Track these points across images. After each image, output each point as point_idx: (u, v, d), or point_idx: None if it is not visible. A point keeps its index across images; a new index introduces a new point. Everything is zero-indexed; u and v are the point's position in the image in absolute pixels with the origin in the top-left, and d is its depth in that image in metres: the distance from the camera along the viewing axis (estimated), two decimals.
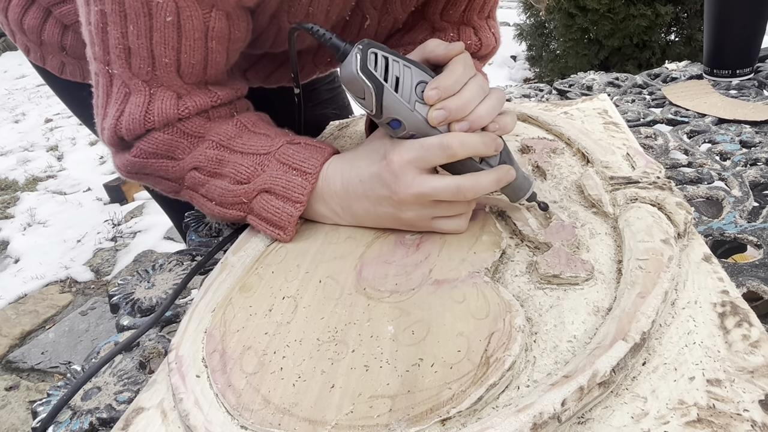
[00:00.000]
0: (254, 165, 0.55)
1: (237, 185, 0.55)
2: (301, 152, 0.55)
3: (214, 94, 0.55)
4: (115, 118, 0.54)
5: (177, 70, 0.52)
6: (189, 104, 0.54)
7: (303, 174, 0.54)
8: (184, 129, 0.55)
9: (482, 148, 0.48)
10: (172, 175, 0.57)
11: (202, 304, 0.48)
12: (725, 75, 0.93)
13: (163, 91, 0.53)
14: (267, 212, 0.55)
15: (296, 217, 0.54)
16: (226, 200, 0.56)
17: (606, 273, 0.45)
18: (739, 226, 0.54)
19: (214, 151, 0.55)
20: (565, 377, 0.34)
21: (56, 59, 0.77)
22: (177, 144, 0.55)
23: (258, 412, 0.36)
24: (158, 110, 0.53)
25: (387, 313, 0.43)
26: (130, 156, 0.56)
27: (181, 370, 0.41)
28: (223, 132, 0.56)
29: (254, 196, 0.55)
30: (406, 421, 0.33)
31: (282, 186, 0.54)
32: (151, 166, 0.57)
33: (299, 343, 0.41)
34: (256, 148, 0.55)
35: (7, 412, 1.70)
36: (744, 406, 0.32)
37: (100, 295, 2.25)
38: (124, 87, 0.53)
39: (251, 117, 0.58)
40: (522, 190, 0.52)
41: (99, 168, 3.52)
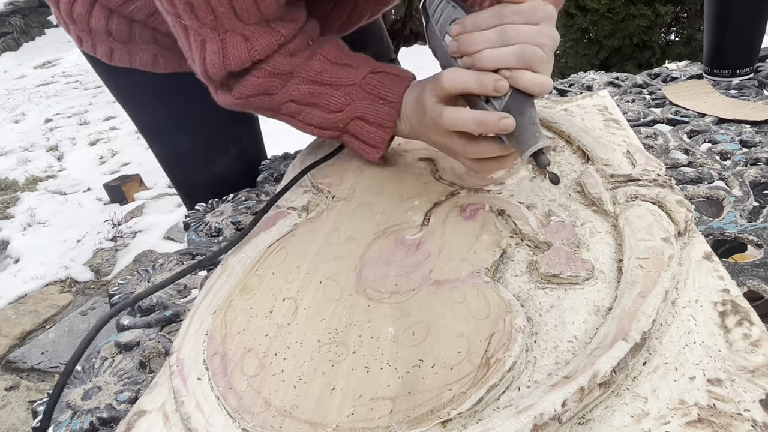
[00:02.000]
0: (344, 96, 0.62)
1: (331, 114, 0.63)
2: (385, 82, 0.62)
3: (277, 32, 0.60)
4: (201, 63, 0.61)
5: (235, 15, 0.57)
6: (256, 46, 0.59)
7: (388, 103, 0.61)
8: (272, 70, 0.61)
9: (474, 85, 0.51)
10: (270, 106, 0.65)
11: (203, 306, 0.48)
12: (725, 75, 0.93)
13: (231, 36, 0.58)
14: (361, 135, 0.64)
15: (387, 139, 0.63)
16: (323, 125, 0.65)
17: (606, 272, 0.45)
18: (739, 226, 0.54)
19: (305, 86, 0.62)
20: (566, 378, 0.34)
21: (104, 46, 0.81)
22: (270, 83, 0.62)
23: (259, 414, 0.36)
24: (232, 55, 0.59)
25: (387, 314, 0.42)
26: (232, 98, 0.64)
27: (182, 372, 0.41)
28: (311, 68, 0.63)
29: (348, 122, 0.63)
30: (407, 423, 0.33)
31: (372, 114, 0.62)
32: (251, 104, 0.65)
33: (300, 345, 0.41)
34: (343, 79, 0.62)
35: (7, 412, 1.70)
36: (745, 405, 0.32)
37: (100, 295, 2.25)
38: (198, 36, 0.59)
39: (332, 49, 0.64)
40: (525, 144, 0.49)
41: (99, 168, 3.52)
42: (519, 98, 0.50)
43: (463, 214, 0.54)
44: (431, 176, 0.63)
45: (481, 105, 0.52)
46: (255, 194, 0.77)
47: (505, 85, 0.50)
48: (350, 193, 0.62)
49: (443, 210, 0.55)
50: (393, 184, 0.62)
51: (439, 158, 0.67)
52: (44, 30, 7.39)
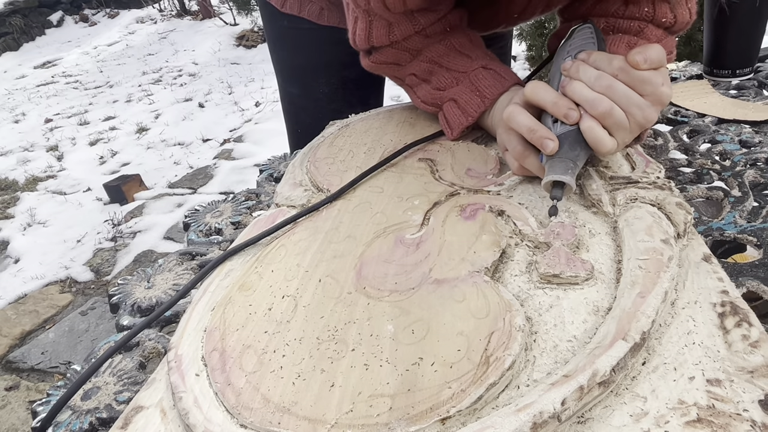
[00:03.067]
0: (452, 79, 0.71)
1: (436, 91, 0.72)
2: (489, 79, 0.69)
3: (417, 21, 0.69)
4: (352, 33, 0.73)
5: (384, 5, 0.66)
6: (396, 32, 0.69)
7: (482, 97, 0.68)
8: (406, 45, 0.71)
9: (548, 103, 0.54)
10: (397, 74, 0.76)
11: (202, 302, 0.48)
12: (725, 75, 0.93)
13: (378, 19, 0.69)
14: (449, 115, 0.71)
15: (464, 125, 0.70)
16: (427, 99, 0.74)
17: (606, 273, 0.45)
18: (738, 226, 0.54)
19: (426, 64, 0.72)
20: (565, 377, 0.34)
21: (316, 6, 0.97)
22: (401, 56, 0.72)
23: (257, 410, 0.36)
24: (376, 35, 0.70)
25: (387, 313, 0.42)
26: (369, 62, 0.74)
27: (180, 368, 0.41)
28: (435, 50, 0.71)
29: (445, 101, 0.72)
30: (406, 420, 0.33)
31: (464, 101, 0.69)
32: (383, 69, 0.76)
33: (299, 342, 0.41)
34: (457, 66, 0.70)
35: (7, 412, 1.70)
36: (744, 406, 0.32)
37: (100, 295, 2.25)
38: (354, 13, 0.70)
39: (461, 39, 0.72)
40: (552, 171, 0.51)
41: (99, 168, 3.52)
42: (579, 137, 0.52)
43: (463, 214, 0.54)
44: (431, 176, 0.63)
45: (548, 121, 0.55)
46: (255, 194, 0.77)
47: (576, 116, 0.52)
48: (350, 192, 0.62)
49: (443, 210, 0.55)
50: (393, 184, 0.62)
51: (439, 159, 0.67)
52: (44, 30, 7.39)
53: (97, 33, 7.29)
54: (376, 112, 0.86)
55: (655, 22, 0.68)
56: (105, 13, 7.85)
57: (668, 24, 0.69)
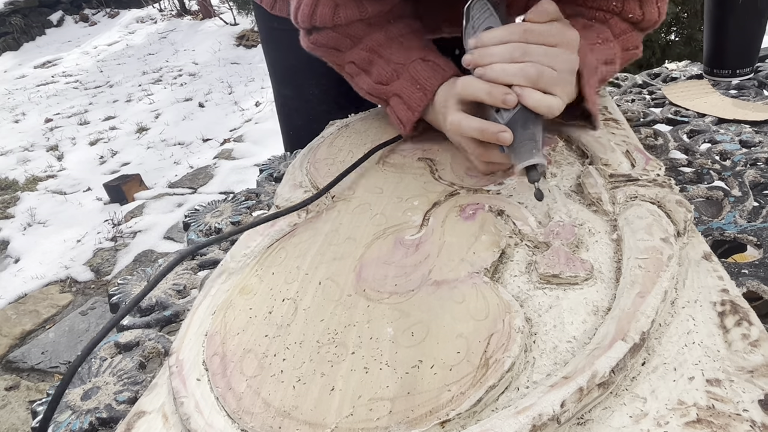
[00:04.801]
0: (392, 72, 0.69)
1: (379, 85, 0.71)
2: (428, 71, 0.67)
3: (364, 8, 0.68)
4: (295, 9, 0.70)
5: None
6: (342, 15, 0.67)
7: (423, 90, 0.67)
8: (348, 31, 0.70)
9: (483, 95, 0.54)
10: (337, 61, 0.74)
11: (203, 306, 0.48)
12: (725, 75, 0.93)
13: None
14: (397, 110, 0.70)
15: (413, 120, 0.69)
16: (372, 92, 0.72)
17: (605, 272, 0.45)
18: (739, 226, 0.54)
19: (366, 53, 0.70)
20: (565, 378, 0.34)
21: None
22: (341, 41, 0.71)
23: (258, 415, 0.36)
24: (320, 14, 0.68)
25: (386, 315, 0.42)
26: (309, 42, 0.73)
27: (181, 373, 0.41)
28: (375, 39, 0.70)
29: (390, 96, 0.70)
30: (406, 424, 0.33)
31: (407, 95, 0.68)
32: (322, 52, 0.74)
33: (299, 346, 0.41)
34: (395, 56, 0.69)
35: (7, 412, 1.70)
36: (743, 406, 0.32)
37: (100, 295, 2.25)
38: None
39: (402, 27, 0.71)
40: (519, 158, 0.52)
41: (99, 168, 3.52)
42: (526, 114, 0.53)
43: (463, 215, 0.54)
44: (431, 176, 0.63)
45: (492, 114, 0.55)
46: (255, 194, 0.77)
47: (514, 99, 0.52)
48: (350, 193, 0.62)
49: (442, 210, 0.55)
50: (392, 185, 0.62)
51: (439, 158, 0.67)
52: (44, 30, 7.38)
53: (97, 33, 7.29)
54: (376, 112, 0.86)
55: (622, 15, 0.69)
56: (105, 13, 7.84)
57: (635, 20, 0.70)
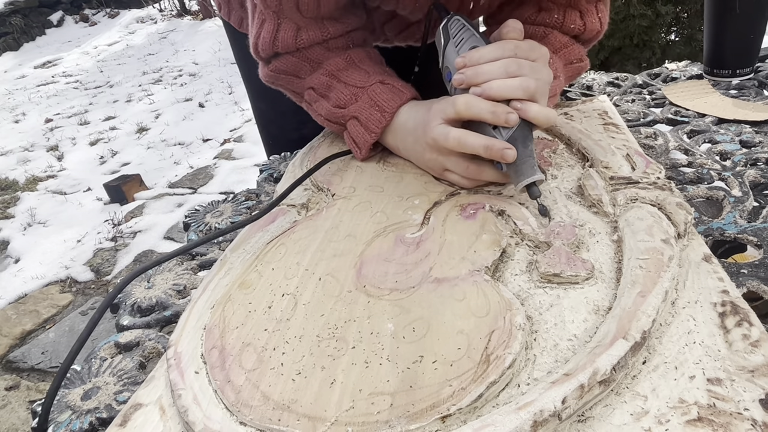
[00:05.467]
0: (351, 95, 0.68)
1: (337, 109, 0.69)
2: (386, 93, 0.67)
3: (326, 29, 0.67)
4: (255, 38, 0.68)
5: (297, 6, 0.63)
6: (304, 37, 0.67)
7: (382, 111, 0.66)
8: (308, 55, 0.69)
9: (486, 114, 0.54)
10: (296, 88, 0.73)
11: (201, 300, 0.48)
12: (725, 75, 0.93)
13: (287, 22, 0.66)
14: (354, 134, 0.69)
15: (370, 143, 0.68)
16: (330, 118, 0.71)
17: (606, 272, 0.45)
18: (739, 226, 0.54)
19: (325, 77, 0.69)
20: (566, 375, 0.34)
21: (237, 14, 0.95)
22: (301, 66, 0.70)
23: (257, 408, 0.36)
24: (282, 38, 0.66)
25: (387, 311, 0.42)
26: (268, 70, 0.71)
27: (179, 366, 0.41)
28: (335, 63, 0.69)
29: (348, 120, 0.69)
30: (407, 418, 0.33)
31: (365, 117, 0.67)
32: (282, 80, 0.72)
33: (299, 340, 0.41)
34: (355, 81, 0.68)
35: (7, 412, 1.70)
36: (744, 405, 0.32)
37: (100, 295, 2.25)
38: (261, 15, 0.66)
39: (360, 53, 0.71)
40: (522, 175, 0.52)
41: (99, 168, 3.52)
42: (525, 131, 0.54)
43: (463, 214, 0.54)
44: (431, 176, 0.63)
45: (489, 131, 0.55)
46: (255, 194, 0.77)
47: (516, 118, 0.53)
48: (350, 191, 0.62)
49: (443, 209, 0.55)
50: (393, 184, 0.62)
51: None
52: (44, 30, 7.39)
53: (97, 33, 7.29)
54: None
55: (563, 29, 0.71)
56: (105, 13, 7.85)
57: (577, 31, 0.71)
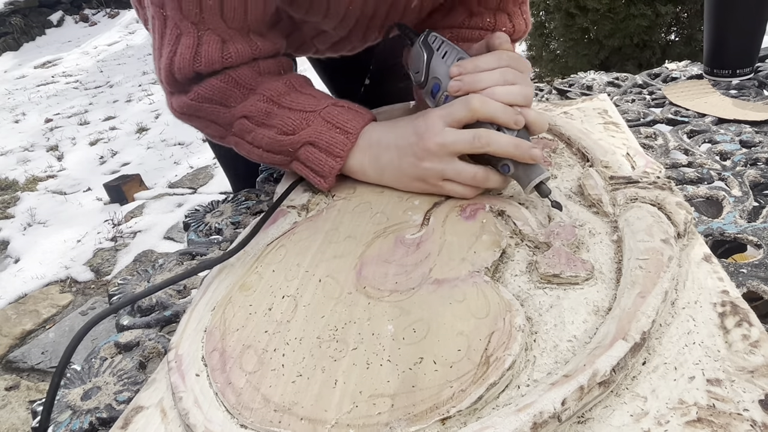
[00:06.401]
0: (300, 120, 0.61)
1: (283, 136, 0.61)
2: (345, 114, 0.61)
3: (254, 44, 0.60)
4: (169, 58, 0.58)
5: (221, 14, 0.56)
6: (232, 51, 0.58)
7: (345, 133, 0.60)
8: (237, 78, 0.60)
9: (501, 114, 0.53)
10: (222, 120, 0.63)
11: (202, 302, 0.48)
12: (725, 75, 0.93)
13: (209, 34, 0.57)
14: (311, 162, 0.62)
15: (337, 169, 0.61)
16: (273, 148, 0.62)
17: (606, 273, 0.45)
18: (739, 226, 0.54)
19: (264, 104, 0.61)
20: (566, 376, 0.34)
21: None
22: (230, 93, 0.60)
23: (258, 410, 0.36)
24: (205, 53, 0.57)
25: (387, 312, 0.42)
26: (187, 99, 0.61)
27: (180, 368, 0.41)
28: (274, 88, 0.61)
29: (299, 147, 0.61)
30: (407, 420, 0.33)
31: (326, 141, 0.60)
32: (204, 110, 0.62)
33: (299, 342, 0.41)
34: (302, 105, 0.61)
35: (7, 412, 1.70)
36: (744, 405, 0.32)
37: (100, 295, 2.25)
38: (176, 29, 0.57)
39: (299, 78, 0.64)
40: (530, 176, 0.52)
41: (99, 168, 3.52)
42: (525, 134, 0.54)
43: (463, 214, 0.54)
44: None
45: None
46: (255, 195, 0.77)
47: (523, 120, 0.54)
48: (350, 192, 0.62)
49: (443, 210, 0.55)
50: None
51: None
52: (44, 30, 7.39)
53: (97, 33, 7.30)
54: (376, 112, 0.86)
55: (495, 31, 0.72)
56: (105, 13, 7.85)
57: (507, 33, 0.73)
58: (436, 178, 0.57)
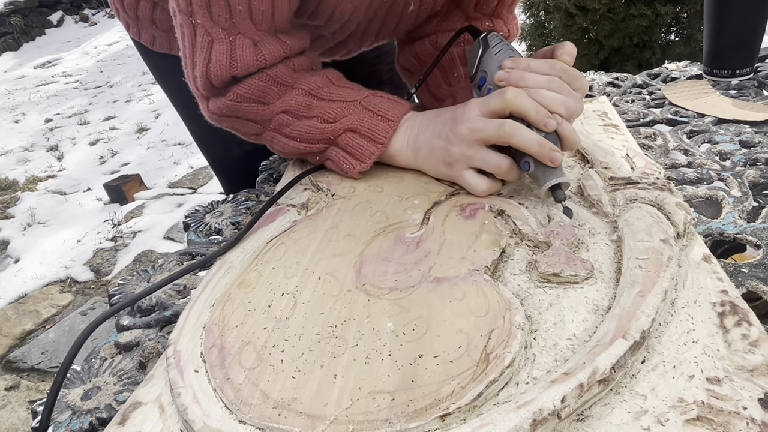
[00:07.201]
0: (341, 109, 0.62)
1: (324, 124, 0.63)
2: (385, 103, 0.63)
3: (284, 43, 0.61)
4: (204, 65, 0.60)
5: (250, 17, 0.57)
6: (264, 52, 0.60)
7: (387, 120, 0.62)
8: (274, 77, 0.61)
9: (532, 112, 0.53)
10: (261, 117, 0.64)
11: (201, 299, 0.48)
12: (725, 75, 0.93)
13: (241, 38, 0.58)
14: (350, 147, 0.63)
15: (376, 155, 0.63)
16: (312, 137, 0.64)
17: (605, 272, 0.45)
18: (738, 226, 0.54)
19: (303, 97, 0.63)
20: (565, 374, 0.34)
21: (148, 33, 0.88)
22: (268, 90, 0.62)
23: (257, 406, 0.36)
24: (240, 57, 0.59)
25: (386, 310, 0.43)
26: (226, 100, 0.62)
27: (179, 364, 0.41)
28: (312, 82, 0.63)
29: (340, 134, 0.63)
30: (406, 416, 0.33)
31: (368, 128, 0.62)
32: (243, 110, 0.63)
33: (298, 339, 0.41)
34: (342, 96, 0.63)
35: (7, 412, 1.70)
36: (743, 404, 0.32)
37: (100, 295, 2.25)
38: (207, 36, 0.58)
39: (335, 73, 0.66)
40: (549, 176, 0.52)
41: (99, 168, 3.52)
42: (553, 138, 0.53)
43: (463, 214, 0.54)
44: (431, 176, 0.63)
45: None
46: (255, 194, 0.77)
47: (554, 124, 0.53)
48: (350, 191, 0.62)
49: (443, 209, 0.55)
50: (393, 184, 0.62)
51: None
52: (44, 30, 7.39)
53: (97, 33, 7.30)
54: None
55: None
56: (105, 13, 7.85)
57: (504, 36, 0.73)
58: (462, 165, 0.58)
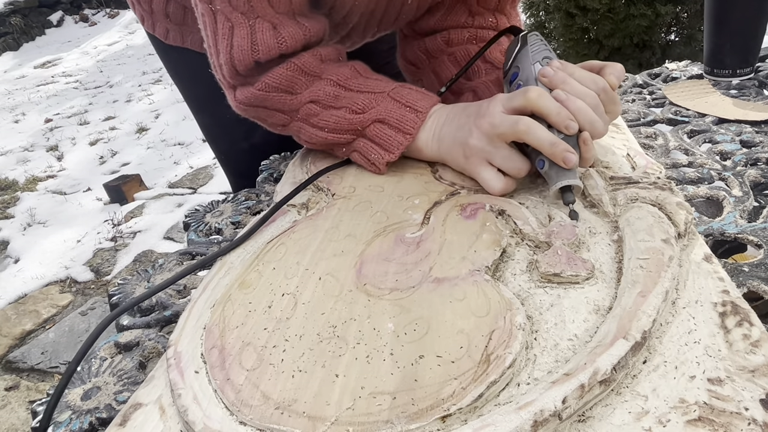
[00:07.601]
0: (369, 100, 0.62)
1: (353, 114, 0.63)
2: (414, 94, 0.63)
3: (303, 26, 0.61)
4: (228, 52, 0.61)
5: (268, 0, 0.58)
6: (285, 35, 0.60)
7: (415, 111, 0.62)
8: (302, 66, 0.62)
9: (554, 113, 0.52)
10: (288, 107, 0.65)
11: (201, 300, 0.48)
12: (725, 75, 0.93)
13: (260, 22, 0.59)
14: (379, 138, 0.63)
15: (405, 146, 0.62)
16: (340, 127, 0.64)
17: (606, 272, 0.45)
18: (739, 226, 0.54)
19: (331, 88, 0.63)
20: (566, 375, 0.34)
21: (162, 26, 0.90)
22: (296, 80, 0.63)
23: (257, 407, 0.36)
24: (261, 41, 0.59)
25: (387, 311, 0.42)
26: (254, 89, 0.63)
27: (179, 365, 0.41)
28: (340, 73, 0.64)
29: (368, 125, 0.63)
30: (407, 417, 0.33)
31: (396, 119, 0.62)
32: (271, 99, 0.64)
33: (299, 339, 0.41)
34: (370, 88, 0.63)
35: (7, 412, 1.70)
36: (745, 404, 0.32)
37: (100, 295, 2.25)
38: (228, 22, 0.59)
39: (362, 65, 0.67)
40: (561, 177, 0.52)
41: (99, 168, 3.52)
42: (571, 141, 0.53)
43: (464, 214, 0.54)
44: (431, 176, 0.63)
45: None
46: (255, 194, 0.77)
47: (575, 127, 0.53)
48: (350, 191, 0.62)
49: (443, 209, 0.55)
50: (393, 184, 0.62)
51: None
52: (44, 30, 7.39)
53: (97, 33, 7.30)
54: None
55: (498, 31, 0.73)
56: (105, 13, 7.85)
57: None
58: (479, 159, 0.57)
